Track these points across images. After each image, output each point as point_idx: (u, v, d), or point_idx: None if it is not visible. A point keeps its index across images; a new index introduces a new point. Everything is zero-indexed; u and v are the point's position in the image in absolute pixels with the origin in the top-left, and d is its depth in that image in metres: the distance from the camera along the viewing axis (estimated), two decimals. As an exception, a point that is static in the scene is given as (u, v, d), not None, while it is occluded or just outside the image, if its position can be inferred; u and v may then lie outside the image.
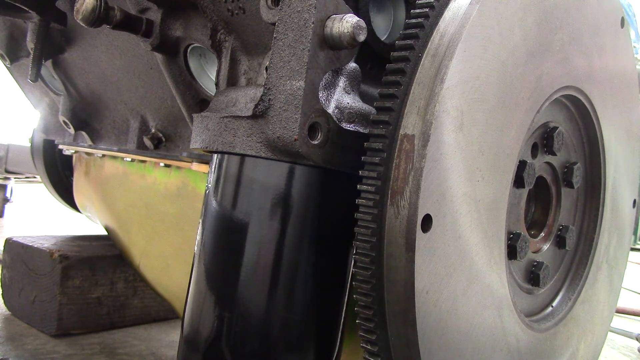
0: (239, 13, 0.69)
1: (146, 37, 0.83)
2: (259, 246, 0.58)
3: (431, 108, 0.55)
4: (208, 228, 0.62)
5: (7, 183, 3.36)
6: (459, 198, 0.59)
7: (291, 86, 0.55)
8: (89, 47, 1.15)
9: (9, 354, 1.25)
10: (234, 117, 0.60)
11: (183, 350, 0.63)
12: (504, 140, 0.65)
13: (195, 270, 0.63)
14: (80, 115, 1.29)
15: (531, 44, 0.67)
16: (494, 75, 0.62)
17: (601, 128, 0.88)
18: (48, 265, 1.38)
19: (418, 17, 0.60)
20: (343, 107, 0.60)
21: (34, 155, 1.68)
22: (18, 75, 1.44)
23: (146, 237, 1.35)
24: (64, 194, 1.69)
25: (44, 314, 1.39)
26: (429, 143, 0.54)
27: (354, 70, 0.61)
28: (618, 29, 0.88)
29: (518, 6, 0.64)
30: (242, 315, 0.58)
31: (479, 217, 0.62)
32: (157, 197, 1.21)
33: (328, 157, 0.58)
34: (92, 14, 0.77)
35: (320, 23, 0.56)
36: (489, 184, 0.63)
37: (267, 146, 0.57)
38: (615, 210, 0.96)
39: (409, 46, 0.58)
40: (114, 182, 1.35)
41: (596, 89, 0.84)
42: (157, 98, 1.07)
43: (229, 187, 0.61)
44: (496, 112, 0.63)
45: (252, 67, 0.71)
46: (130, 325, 1.50)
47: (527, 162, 0.73)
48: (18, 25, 1.26)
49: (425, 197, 0.54)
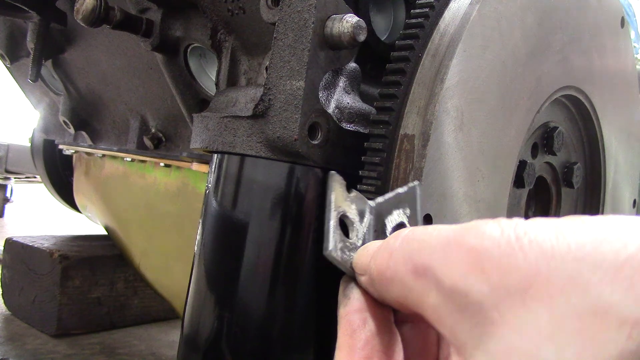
0: (239, 13, 0.69)
1: (146, 37, 0.83)
2: (259, 246, 0.58)
3: (431, 108, 0.55)
4: (208, 228, 0.62)
5: (7, 183, 3.36)
6: (459, 198, 0.59)
7: (291, 86, 0.55)
8: (89, 47, 1.15)
9: (9, 354, 1.25)
10: (234, 117, 0.60)
11: (183, 350, 0.63)
12: (504, 140, 0.65)
13: (195, 270, 0.63)
14: (80, 115, 1.29)
15: (531, 44, 0.67)
16: (494, 75, 0.62)
17: (601, 128, 0.88)
18: (48, 265, 1.38)
19: (418, 17, 0.60)
20: (343, 107, 0.60)
21: (34, 155, 1.68)
22: (18, 75, 1.44)
23: (146, 237, 1.35)
24: (64, 194, 1.69)
25: (44, 314, 1.39)
26: (429, 143, 0.54)
27: (354, 70, 0.61)
28: (618, 29, 0.88)
29: (518, 6, 0.64)
30: (242, 315, 0.58)
31: (479, 217, 0.62)
32: (157, 197, 1.21)
33: (328, 157, 0.58)
34: (92, 14, 0.77)
35: (321, 23, 0.55)
36: (489, 184, 0.63)
37: (267, 146, 0.57)
38: (615, 210, 0.96)
39: (409, 46, 0.58)
40: (114, 182, 1.35)
41: (596, 89, 0.84)
42: (157, 98, 1.07)
43: (229, 187, 0.61)
44: (496, 112, 0.63)
45: (252, 67, 0.71)
46: (130, 325, 1.50)
47: (527, 162, 0.73)
48: (18, 25, 1.26)
49: (425, 197, 0.54)
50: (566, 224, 0.27)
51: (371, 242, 0.41)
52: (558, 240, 0.26)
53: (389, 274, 0.33)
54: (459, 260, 0.28)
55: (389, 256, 0.34)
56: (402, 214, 0.43)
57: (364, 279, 0.38)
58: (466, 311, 0.27)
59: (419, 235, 0.33)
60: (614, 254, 0.24)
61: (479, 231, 0.29)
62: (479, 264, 0.27)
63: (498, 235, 0.28)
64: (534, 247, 0.26)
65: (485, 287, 0.27)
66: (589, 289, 0.24)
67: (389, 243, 0.35)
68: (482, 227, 0.29)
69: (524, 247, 0.26)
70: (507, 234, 0.27)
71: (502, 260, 0.27)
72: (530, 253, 0.26)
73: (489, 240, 0.28)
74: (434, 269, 0.30)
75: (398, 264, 0.33)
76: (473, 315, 0.27)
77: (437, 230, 0.32)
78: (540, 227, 0.27)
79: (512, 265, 0.26)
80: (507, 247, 0.27)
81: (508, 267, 0.26)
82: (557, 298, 0.24)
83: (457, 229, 0.30)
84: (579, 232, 0.26)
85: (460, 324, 0.28)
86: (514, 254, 0.26)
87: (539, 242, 0.26)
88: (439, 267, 0.29)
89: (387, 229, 0.43)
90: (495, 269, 0.27)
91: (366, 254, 0.39)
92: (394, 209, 0.44)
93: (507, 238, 0.27)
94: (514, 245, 0.27)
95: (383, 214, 0.45)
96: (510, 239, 0.27)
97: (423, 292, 0.30)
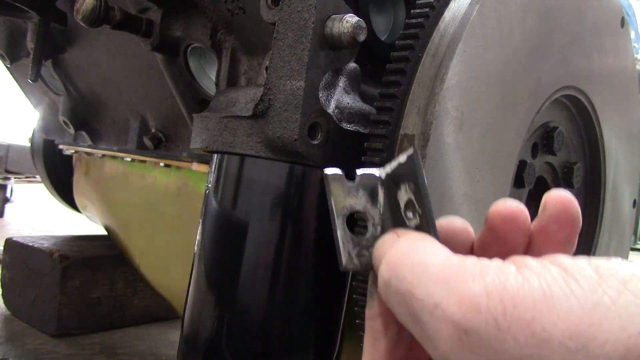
0: (239, 13, 0.69)
1: (146, 37, 0.83)
2: (259, 246, 0.58)
3: (431, 108, 0.55)
4: (208, 228, 0.62)
5: (7, 183, 3.36)
6: (459, 198, 0.59)
7: (291, 86, 0.55)
8: (89, 47, 1.15)
9: (9, 354, 1.25)
10: (234, 117, 0.60)
11: (183, 350, 0.63)
12: (504, 140, 0.65)
13: (195, 270, 0.63)
14: (80, 115, 1.29)
15: (531, 44, 0.67)
16: (494, 75, 0.62)
17: (601, 128, 0.88)
18: (48, 265, 1.38)
19: (418, 17, 0.60)
20: (343, 107, 0.60)
21: (34, 155, 1.68)
22: (18, 75, 1.44)
23: (146, 237, 1.35)
24: (64, 194, 1.69)
25: (44, 314, 1.39)
26: (429, 143, 0.54)
27: (354, 70, 0.61)
28: (618, 29, 0.88)
29: (518, 6, 0.64)
30: (242, 315, 0.58)
31: (479, 217, 0.62)
32: (157, 197, 1.21)
33: (328, 157, 0.58)
34: (92, 14, 0.77)
35: (320, 23, 0.55)
36: (489, 184, 0.63)
37: (267, 146, 0.57)
38: (615, 210, 0.96)
39: (409, 46, 0.58)
40: (114, 182, 1.35)
41: (596, 89, 0.84)
42: (157, 98, 1.07)
43: (229, 187, 0.61)
44: (496, 112, 0.63)
45: (252, 67, 0.71)
46: (130, 325, 1.50)
47: (527, 162, 0.73)
48: (18, 25, 1.26)
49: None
50: (557, 294, 0.25)
51: (386, 236, 0.38)
52: (549, 322, 0.24)
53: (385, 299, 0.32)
54: (447, 333, 0.27)
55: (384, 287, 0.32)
56: (408, 191, 0.40)
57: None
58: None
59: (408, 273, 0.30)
60: (613, 349, 0.23)
61: (464, 296, 0.26)
62: (468, 342, 0.26)
63: (484, 309, 0.26)
64: (523, 329, 0.24)
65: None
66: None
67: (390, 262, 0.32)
68: (469, 286, 0.27)
69: (512, 329, 0.25)
70: (493, 309, 0.25)
71: (491, 342, 0.25)
72: (520, 336, 0.24)
73: (475, 317, 0.26)
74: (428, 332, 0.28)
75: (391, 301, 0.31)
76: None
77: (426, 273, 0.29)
78: (528, 297, 0.25)
79: (502, 349, 0.25)
80: (495, 328, 0.25)
81: (498, 350, 0.25)
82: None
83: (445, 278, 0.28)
84: (571, 312, 0.24)
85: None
86: (502, 337, 0.25)
87: (528, 322, 0.24)
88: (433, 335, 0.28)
89: (400, 208, 0.41)
90: (484, 350, 0.25)
91: (378, 254, 0.36)
92: (401, 183, 0.41)
93: (494, 316, 0.25)
94: (501, 325, 0.25)
95: (393, 189, 0.42)
96: (498, 318, 0.25)
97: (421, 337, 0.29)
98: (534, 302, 0.25)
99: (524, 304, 0.25)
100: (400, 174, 0.40)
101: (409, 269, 0.30)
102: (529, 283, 0.26)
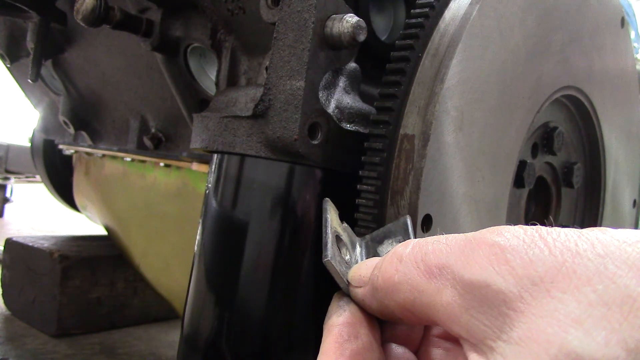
0: (239, 13, 0.69)
1: (146, 37, 0.83)
2: (259, 246, 0.58)
3: (431, 108, 0.55)
4: (208, 228, 0.62)
5: (7, 183, 3.36)
6: (459, 198, 0.59)
7: (291, 86, 0.55)
8: (89, 47, 1.15)
9: (9, 354, 1.25)
10: (234, 117, 0.59)
11: (183, 350, 0.63)
12: (504, 140, 0.65)
13: (195, 270, 0.63)
14: (80, 115, 1.29)
15: (531, 44, 0.67)
16: (494, 75, 0.62)
17: (601, 128, 0.88)
18: (48, 265, 1.38)
19: (418, 17, 0.60)
20: (343, 107, 0.60)
21: (34, 155, 1.68)
22: (18, 75, 1.44)
23: (146, 237, 1.35)
24: (64, 194, 1.69)
25: (44, 314, 1.39)
26: (429, 143, 0.54)
27: (354, 70, 0.61)
28: (618, 29, 0.88)
29: (518, 6, 0.64)
30: (242, 315, 0.58)
31: (479, 217, 0.62)
32: (157, 197, 1.21)
33: (328, 157, 0.58)
34: (92, 14, 0.77)
35: (320, 23, 0.55)
36: (489, 184, 0.63)
37: (267, 146, 0.57)
38: (615, 210, 0.96)
39: (409, 46, 0.58)
40: (114, 182, 1.35)
41: (596, 88, 0.84)
42: (157, 98, 1.07)
43: (229, 187, 0.61)
44: (496, 112, 0.63)
45: (252, 67, 0.71)
46: (130, 325, 1.50)
47: (527, 162, 0.73)
48: (18, 25, 1.26)
49: (425, 197, 0.54)
50: (587, 230, 0.28)
51: (370, 259, 0.42)
52: (581, 240, 0.27)
53: (397, 278, 0.34)
54: (480, 255, 0.29)
55: (399, 262, 0.34)
56: (393, 243, 0.45)
57: (360, 291, 0.39)
58: (486, 303, 0.28)
59: (432, 241, 0.33)
60: (638, 254, 0.25)
61: (501, 231, 0.30)
62: (503, 256, 0.28)
63: (522, 234, 0.29)
64: (558, 245, 0.27)
65: (508, 278, 0.27)
66: (615, 281, 0.25)
67: (398, 251, 0.36)
68: (503, 228, 0.30)
69: (549, 244, 0.28)
70: (530, 233, 0.29)
71: (527, 252, 0.28)
72: (555, 249, 0.27)
73: (513, 238, 0.29)
74: (451, 266, 0.30)
75: (409, 267, 0.33)
76: (494, 306, 0.28)
77: (450, 236, 0.33)
78: (563, 230, 0.29)
79: (537, 257, 0.27)
80: (532, 242, 0.28)
81: (533, 259, 0.27)
82: (583, 288, 0.25)
83: (475, 233, 0.31)
84: (601, 236, 0.27)
85: (478, 318, 0.28)
86: (539, 248, 0.28)
87: (563, 241, 0.28)
88: (457, 263, 0.30)
89: (380, 254, 0.45)
90: (519, 261, 0.28)
91: (366, 267, 0.40)
92: (385, 239, 0.46)
93: (530, 236, 0.29)
94: (538, 242, 0.28)
95: (374, 244, 0.47)
96: (534, 237, 0.28)
97: (435, 292, 0.31)
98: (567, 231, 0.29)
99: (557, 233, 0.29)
100: (387, 233, 0.46)
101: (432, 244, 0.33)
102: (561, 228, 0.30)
